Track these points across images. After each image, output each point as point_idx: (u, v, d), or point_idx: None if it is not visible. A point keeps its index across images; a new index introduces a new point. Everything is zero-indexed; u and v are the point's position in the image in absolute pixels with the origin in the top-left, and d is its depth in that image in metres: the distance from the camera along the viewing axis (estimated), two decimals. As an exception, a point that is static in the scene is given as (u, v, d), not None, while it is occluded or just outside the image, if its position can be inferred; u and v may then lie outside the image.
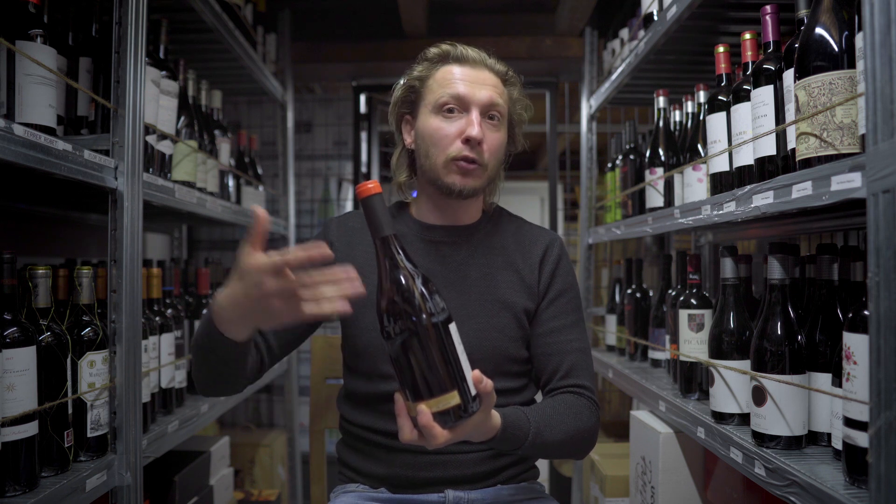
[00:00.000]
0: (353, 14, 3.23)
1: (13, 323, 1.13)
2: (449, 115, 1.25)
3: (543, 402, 1.26)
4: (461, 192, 1.25)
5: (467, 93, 1.24)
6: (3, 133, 1.04)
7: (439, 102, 1.25)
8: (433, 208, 1.33)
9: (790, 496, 1.12)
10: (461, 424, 0.94)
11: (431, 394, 0.91)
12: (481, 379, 0.95)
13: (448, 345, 0.92)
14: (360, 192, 0.95)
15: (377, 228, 0.95)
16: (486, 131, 1.25)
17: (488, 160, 1.26)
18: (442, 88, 1.26)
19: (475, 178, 1.26)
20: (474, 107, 1.24)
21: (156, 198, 1.55)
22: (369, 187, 0.95)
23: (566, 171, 3.48)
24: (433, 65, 1.30)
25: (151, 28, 1.65)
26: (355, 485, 1.31)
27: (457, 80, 1.26)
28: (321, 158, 3.57)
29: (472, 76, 1.26)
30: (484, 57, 1.29)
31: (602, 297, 3.21)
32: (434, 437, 0.92)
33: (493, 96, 1.26)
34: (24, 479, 1.13)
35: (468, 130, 1.23)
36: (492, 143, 1.26)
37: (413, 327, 0.90)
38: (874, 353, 0.85)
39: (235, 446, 2.62)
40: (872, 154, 0.87)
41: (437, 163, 1.26)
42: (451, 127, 1.25)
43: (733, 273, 1.47)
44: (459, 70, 1.27)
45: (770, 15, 1.35)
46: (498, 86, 1.29)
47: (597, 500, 2.31)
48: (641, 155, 2.24)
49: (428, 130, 1.26)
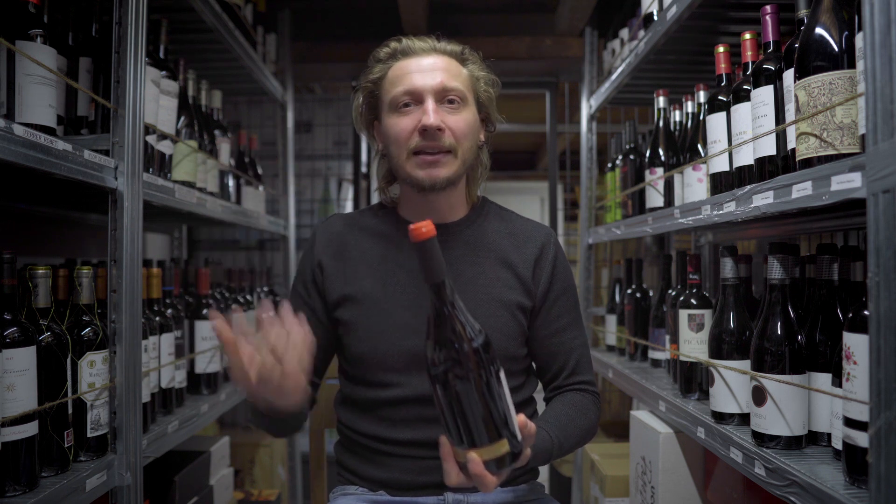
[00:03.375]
0: (353, 14, 3.23)
1: (13, 323, 1.13)
2: (405, 109, 1.24)
3: (557, 408, 1.27)
4: (432, 185, 1.23)
5: (418, 83, 1.22)
6: (3, 133, 1.04)
7: (394, 101, 1.24)
8: (416, 207, 1.31)
9: (790, 496, 1.12)
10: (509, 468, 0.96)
11: (483, 443, 0.92)
12: (526, 423, 0.98)
13: (500, 396, 0.93)
14: (415, 236, 0.90)
15: (433, 274, 0.91)
16: (445, 116, 1.22)
17: (456, 143, 1.23)
18: (394, 87, 1.24)
19: (444, 167, 1.23)
20: (427, 95, 1.22)
21: (156, 198, 1.55)
22: (423, 231, 0.90)
23: (566, 171, 3.48)
24: (385, 64, 1.27)
25: (151, 28, 1.65)
26: (355, 487, 1.31)
27: (407, 73, 1.24)
28: (321, 158, 3.57)
29: (421, 66, 1.24)
30: (433, 43, 1.27)
31: (602, 297, 3.21)
32: (486, 484, 0.95)
33: (445, 80, 1.23)
34: (24, 479, 1.13)
35: (423, 120, 1.20)
36: (455, 125, 1.23)
37: (467, 377, 0.90)
38: (874, 353, 0.85)
39: (235, 446, 2.61)
40: (872, 154, 0.87)
41: (401, 160, 1.24)
42: (408, 121, 1.23)
43: (733, 273, 1.47)
44: (409, 63, 1.25)
45: (770, 15, 1.35)
46: (451, 68, 1.25)
47: (597, 500, 2.31)
48: (641, 155, 2.24)
49: (388, 130, 1.26)
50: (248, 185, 2.51)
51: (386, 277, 1.28)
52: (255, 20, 2.56)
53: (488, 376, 0.91)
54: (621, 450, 2.32)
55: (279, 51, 2.96)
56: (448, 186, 1.25)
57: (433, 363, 0.92)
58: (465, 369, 0.90)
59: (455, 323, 0.92)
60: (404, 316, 1.25)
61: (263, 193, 2.74)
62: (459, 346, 0.91)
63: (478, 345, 0.92)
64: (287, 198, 3.07)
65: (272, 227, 2.78)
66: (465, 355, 0.91)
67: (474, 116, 1.27)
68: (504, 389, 0.94)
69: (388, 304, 1.26)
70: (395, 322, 1.24)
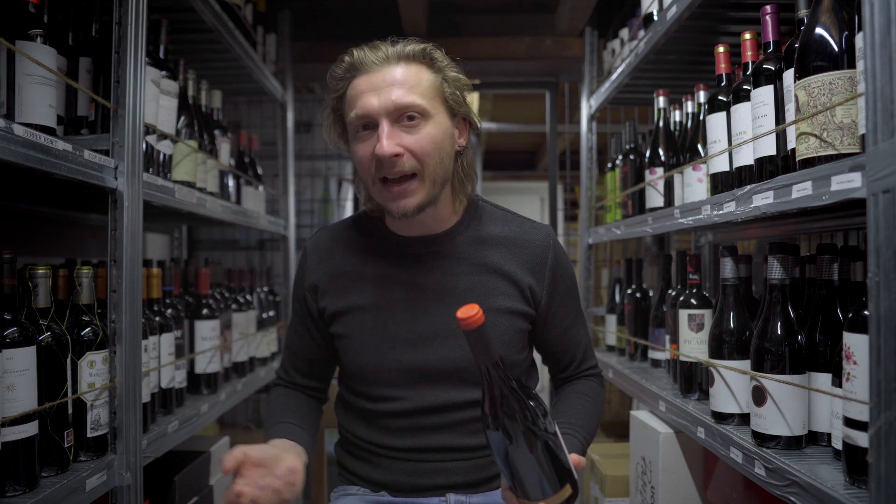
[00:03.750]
0: (352, 14, 3.23)
1: (13, 323, 1.13)
2: (364, 134, 1.17)
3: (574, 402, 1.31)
4: (404, 214, 1.17)
5: (370, 106, 1.14)
6: (3, 133, 1.04)
7: (352, 126, 1.18)
8: (400, 222, 1.26)
9: (790, 496, 1.12)
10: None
11: (549, 494, 0.98)
12: (580, 462, 1.04)
13: (559, 450, 0.98)
14: (466, 325, 0.90)
15: (487, 356, 0.94)
16: (403, 137, 1.14)
17: (419, 165, 1.15)
18: (351, 109, 1.17)
19: (412, 196, 1.16)
20: (381, 119, 1.14)
21: (156, 198, 1.55)
22: (474, 319, 0.90)
23: (566, 171, 3.48)
24: (343, 82, 1.20)
25: (151, 28, 1.65)
26: (356, 487, 1.31)
27: (360, 94, 1.15)
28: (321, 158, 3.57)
29: (375, 82, 1.15)
30: (386, 51, 1.16)
31: (602, 297, 3.21)
32: None
33: (400, 97, 1.13)
34: (24, 479, 1.13)
35: (376, 149, 1.13)
36: (415, 145, 1.14)
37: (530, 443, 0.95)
38: (874, 353, 0.85)
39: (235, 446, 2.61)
40: (872, 154, 0.87)
41: (369, 187, 1.20)
42: (365, 148, 1.16)
43: (733, 273, 1.47)
44: (362, 81, 1.16)
45: (770, 15, 1.35)
46: (409, 79, 1.15)
47: (597, 500, 2.31)
48: (641, 155, 2.24)
49: (354, 158, 1.21)
50: (248, 185, 2.51)
51: (379, 292, 1.26)
52: (255, 20, 2.56)
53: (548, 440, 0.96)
54: (621, 450, 2.32)
55: (279, 51, 2.96)
56: (422, 211, 1.19)
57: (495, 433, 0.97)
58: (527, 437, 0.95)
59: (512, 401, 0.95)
60: (398, 330, 1.24)
61: (263, 193, 2.74)
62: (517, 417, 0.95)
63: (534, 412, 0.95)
64: (287, 198, 3.07)
65: (272, 227, 2.78)
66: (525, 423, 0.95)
67: (441, 126, 1.18)
68: (561, 443, 0.99)
69: (382, 317, 1.25)
70: (389, 335, 1.24)
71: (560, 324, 1.32)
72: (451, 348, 1.22)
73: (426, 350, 1.23)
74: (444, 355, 1.22)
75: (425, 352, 1.23)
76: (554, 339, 1.33)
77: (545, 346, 1.35)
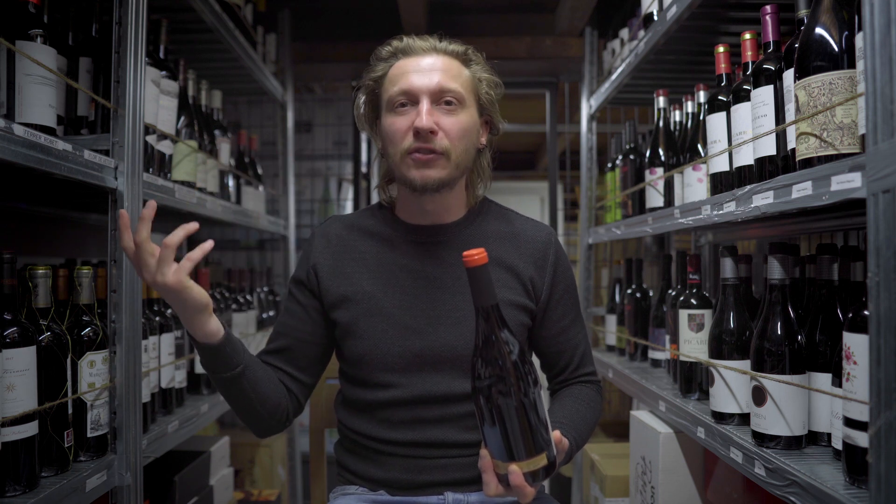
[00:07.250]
0: (352, 14, 3.23)
1: (13, 323, 1.13)
2: (402, 109, 1.23)
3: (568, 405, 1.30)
4: (424, 185, 1.22)
5: (415, 83, 1.21)
6: (3, 133, 1.04)
7: (391, 100, 1.23)
8: (412, 208, 1.31)
9: (790, 496, 1.12)
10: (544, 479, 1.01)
11: (523, 456, 0.97)
12: (561, 439, 1.05)
13: (540, 413, 0.98)
14: (469, 262, 0.96)
15: (484, 298, 0.97)
16: (441, 117, 1.21)
17: (450, 146, 1.21)
18: (393, 86, 1.23)
19: (436, 169, 1.21)
20: (423, 96, 1.21)
21: (156, 198, 1.55)
22: (476, 258, 0.96)
23: (566, 171, 3.48)
24: (386, 63, 1.27)
25: (151, 28, 1.65)
26: (355, 487, 1.31)
27: (405, 73, 1.23)
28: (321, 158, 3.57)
29: (420, 65, 1.23)
30: (434, 43, 1.25)
31: (602, 297, 3.21)
32: (525, 495, 1.00)
33: (443, 81, 1.21)
34: (24, 479, 1.13)
35: (416, 122, 1.19)
36: (449, 127, 1.21)
37: (509, 396, 0.96)
38: (874, 353, 0.85)
39: (235, 446, 2.61)
40: (872, 154, 0.87)
41: (395, 160, 1.24)
42: (403, 121, 1.22)
43: (733, 273, 1.47)
44: (408, 62, 1.24)
45: (770, 15, 1.35)
46: (451, 69, 1.24)
47: (597, 500, 2.31)
48: (641, 155, 2.24)
49: (385, 130, 1.25)
50: (248, 185, 2.51)
51: (385, 278, 1.28)
52: (255, 20, 2.56)
53: (529, 397, 0.96)
54: (621, 450, 2.32)
55: (279, 51, 2.96)
56: (441, 188, 1.24)
57: (476, 379, 0.98)
58: (508, 390, 0.96)
59: (500, 345, 0.97)
60: (403, 317, 1.25)
61: (263, 193, 2.74)
62: (501, 367, 0.97)
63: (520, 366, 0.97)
64: (287, 198, 3.08)
65: (272, 227, 2.78)
66: (509, 375, 0.96)
67: (472, 119, 1.26)
68: (543, 407, 0.99)
69: (387, 304, 1.26)
70: (394, 322, 1.25)
71: (558, 322, 1.32)
72: (454, 335, 1.23)
73: (428, 336, 1.24)
74: (447, 342, 1.23)
75: (427, 338, 1.24)
76: (551, 337, 1.33)
77: (542, 345, 1.35)
